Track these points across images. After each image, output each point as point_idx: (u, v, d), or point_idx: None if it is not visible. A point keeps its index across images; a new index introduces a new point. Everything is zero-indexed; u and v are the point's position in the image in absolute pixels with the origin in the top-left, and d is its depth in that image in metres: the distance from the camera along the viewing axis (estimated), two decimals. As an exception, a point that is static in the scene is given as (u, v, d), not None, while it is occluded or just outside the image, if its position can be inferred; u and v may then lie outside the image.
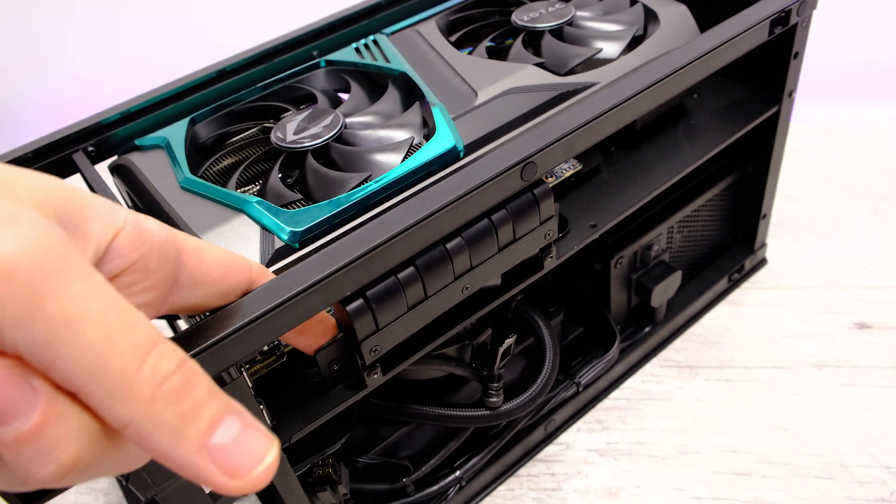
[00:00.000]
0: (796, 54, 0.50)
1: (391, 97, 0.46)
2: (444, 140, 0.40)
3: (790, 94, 0.52)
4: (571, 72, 0.46)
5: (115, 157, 0.47)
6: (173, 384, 0.19)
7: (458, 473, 0.47)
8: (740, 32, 0.43)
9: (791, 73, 0.51)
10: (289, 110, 0.47)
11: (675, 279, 0.54)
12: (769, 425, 0.52)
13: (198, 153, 0.46)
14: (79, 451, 0.19)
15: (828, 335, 0.57)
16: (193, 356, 0.29)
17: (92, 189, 0.43)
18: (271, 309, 0.30)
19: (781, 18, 0.46)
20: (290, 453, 0.38)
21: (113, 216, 0.23)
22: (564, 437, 0.53)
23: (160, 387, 0.19)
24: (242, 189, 0.43)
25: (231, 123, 0.48)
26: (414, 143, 0.42)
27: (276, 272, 0.35)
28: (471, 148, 0.41)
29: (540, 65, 0.46)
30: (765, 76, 0.52)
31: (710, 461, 0.50)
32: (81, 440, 0.19)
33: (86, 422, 0.19)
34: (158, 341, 0.20)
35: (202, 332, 0.29)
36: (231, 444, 0.20)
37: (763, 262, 0.64)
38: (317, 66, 0.50)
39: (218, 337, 0.29)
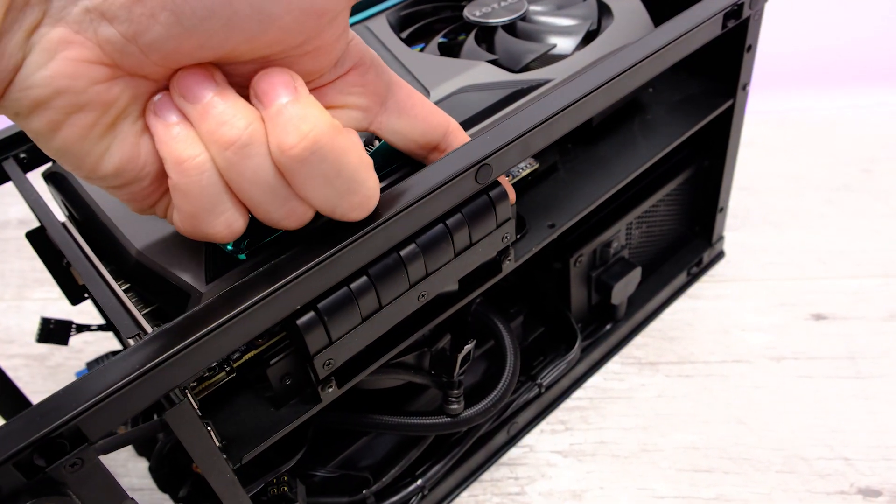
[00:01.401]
0: (749, 47, 0.50)
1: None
2: (395, 142, 0.39)
3: (744, 88, 0.52)
4: (526, 68, 0.45)
5: (49, 165, 0.45)
6: None
7: (420, 482, 0.46)
8: (694, 27, 0.43)
9: (745, 67, 0.50)
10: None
11: (635, 275, 0.54)
12: (729, 420, 0.52)
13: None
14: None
15: (784, 327, 0.57)
16: (133, 380, 0.27)
17: (25, 199, 0.41)
18: (215, 328, 0.29)
19: (734, 12, 0.45)
20: (243, 473, 0.36)
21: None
22: (527, 440, 0.52)
23: None
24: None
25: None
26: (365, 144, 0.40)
27: (222, 285, 0.33)
28: (424, 149, 0.39)
29: (493, 61, 0.45)
30: (719, 70, 0.52)
31: (673, 459, 0.50)
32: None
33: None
34: None
35: (143, 350, 0.28)
36: None
37: (721, 254, 0.64)
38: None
39: (160, 359, 0.27)
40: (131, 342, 0.30)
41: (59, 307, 0.69)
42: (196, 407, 0.31)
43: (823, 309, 0.58)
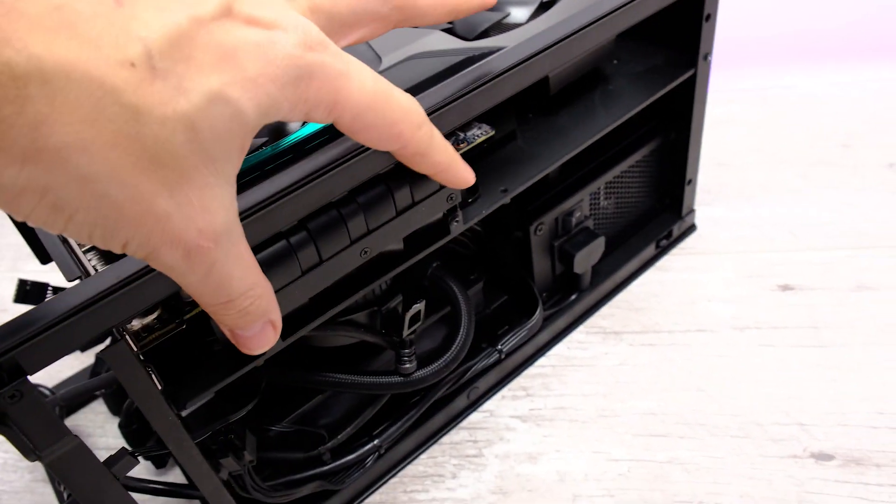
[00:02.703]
0: (708, 17, 0.50)
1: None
2: (343, 104, 0.40)
3: (705, 58, 0.52)
4: (480, 37, 0.46)
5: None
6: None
7: (376, 441, 0.47)
8: (643, -7, 0.43)
9: (704, 36, 0.51)
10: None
11: (599, 245, 0.54)
12: (689, 388, 0.52)
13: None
14: None
15: (750, 298, 0.58)
16: (67, 316, 0.29)
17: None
18: (149, 270, 0.30)
19: (687, -20, 0.46)
20: (191, 420, 0.37)
21: None
22: (488, 405, 0.53)
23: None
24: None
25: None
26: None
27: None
28: (372, 112, 0.40)
29: (448, 30, 0.46)
30: (681, 40, 0.52)
31: (630, 424, 0.51)
32: None
33: None
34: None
35: (80, 289, 0.29)
36: None
37: (692, 228, 0.64)
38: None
39: (97, 292, 0.29)
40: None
41: (51, 279, 0.71)
42: (136, 348, 0.33)
43: (791, 280, 0.59)
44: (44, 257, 0.47)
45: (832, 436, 0.48)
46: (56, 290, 0.51)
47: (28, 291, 0.50)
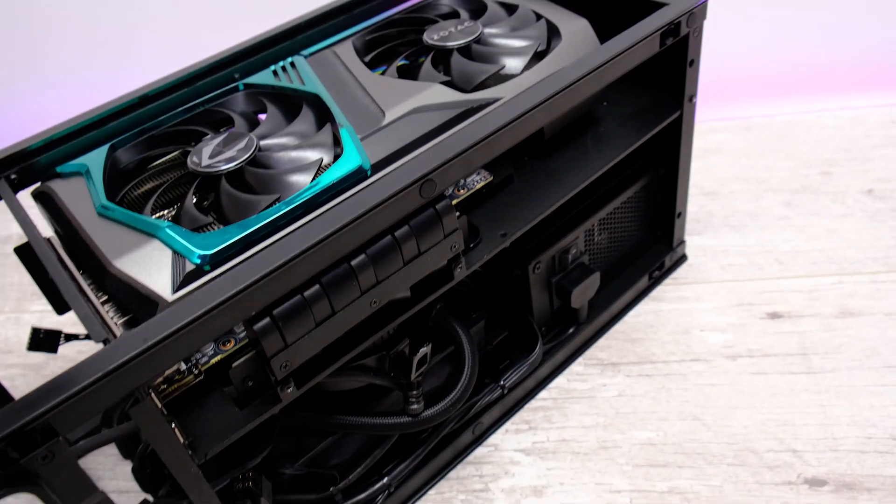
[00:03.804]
0: (692, 62, 0.52)
1: (305, 118, 0.47)
2: (350, 160, 0.42)
3: (690, 99, 0.55)
4: (477, 88, 0.48)
5: (37, 184, 0.48)
6: None
7: (385, 480, 0.49)
8: (631, 46, 0.46)
9: (689, 80, 0.53)
10: (208, 134, 0.48)
11: (595, 280, 0.56)
12: (685, 417, 0.54)
13: (119, 179, 0.47)
14: None
15: (741, 326, 0.60)
16: (98, 380, 0.30)
17: (15, 216, 0.44)
18: (178, 330, 0.32)
19: (671, 30, 0.48)
20: (209, 468, 0.39)
21: None
22: (493, 439, 0.55)
23: None
24: (161, 213, 0.44)
25: (152, 148, 0.49)
26: (324, 164, 0.43)
27: (186, 296, 0.36)
28: (378, 166, 0.42)
29: (448, 83, 0.48)
30: (667, 83, 0.55)
31: (630, 455, 0.52)
32: None
33: None
34: None
35: (108, 353, 0.31)
36: None
37: (683, 258, 0.67)
38: (236, 89, 0.52)
39: (121, 361, 0.31)
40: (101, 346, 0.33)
41: (56, 319, 0.72)
42: (160, 405, 0.34)
43: (779, 307, 0.61)
44: (60, 307, 0.48)
45: (824, 461, 0.50)
46: (69, 336, 0.52)
47: (42, 339, 0.51)
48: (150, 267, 0.38)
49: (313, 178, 0.42)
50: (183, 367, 0.39)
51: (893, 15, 0.83)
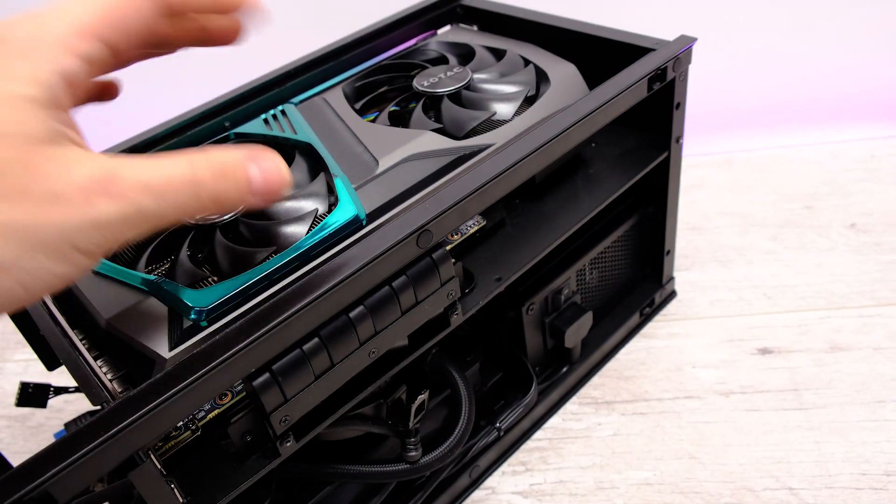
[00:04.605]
0: (678, 105, 0.53)
1: (298, 168, 0.48)
2: (345, 211, 0.42)
3: (677, 140, 0.56)
4: (469, 135, 0.49)
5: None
6: None
7: (384, 528, 0.48)
8: (620, 92, 0.47)
9: (676, 122, 0.54)
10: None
11: (587, 319, 0.57)
12: (681, 455, 0.54)
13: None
14: None
15: (732, 362, 0.60)
16: (97, 447, 0.30)
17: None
18: (180, 390, 0.31)
19: (658, 76, 0.49)
20: (208, 527, 0.38)
21: None
22: (490, 482, 0.55)
23: None
24: (154, 267, 0.44)
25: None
26: (319, 214, 0.43)
27: (184, 352, 0.36)
28: (373, 216, 0.43)
29: (439, 129, 0.48)
30: (654, 125, 0.56)
31: (628, 495, 0.52)
32: None
33: None
34: None
35: (106, 418, 0.30)
36: None
37: (673, 294, 0.67)
38: (227, 138, 0.52)
39: (119, 427, 0.30)
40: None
41: (40, 368, 0.70)
42: (160, 466, 0.34)
43: (769, 343, 0.62)
44: (51, 363, 0.47)
45: (821, 498, 0.50)
46: (58, 390, 0.51)
47: (30, 394, 0.50)
48: (146, 323, 0.38)
49: (309, 230, 0.42)
50: (180, 423, 0.38)
51: (869, 51, 0.85)
